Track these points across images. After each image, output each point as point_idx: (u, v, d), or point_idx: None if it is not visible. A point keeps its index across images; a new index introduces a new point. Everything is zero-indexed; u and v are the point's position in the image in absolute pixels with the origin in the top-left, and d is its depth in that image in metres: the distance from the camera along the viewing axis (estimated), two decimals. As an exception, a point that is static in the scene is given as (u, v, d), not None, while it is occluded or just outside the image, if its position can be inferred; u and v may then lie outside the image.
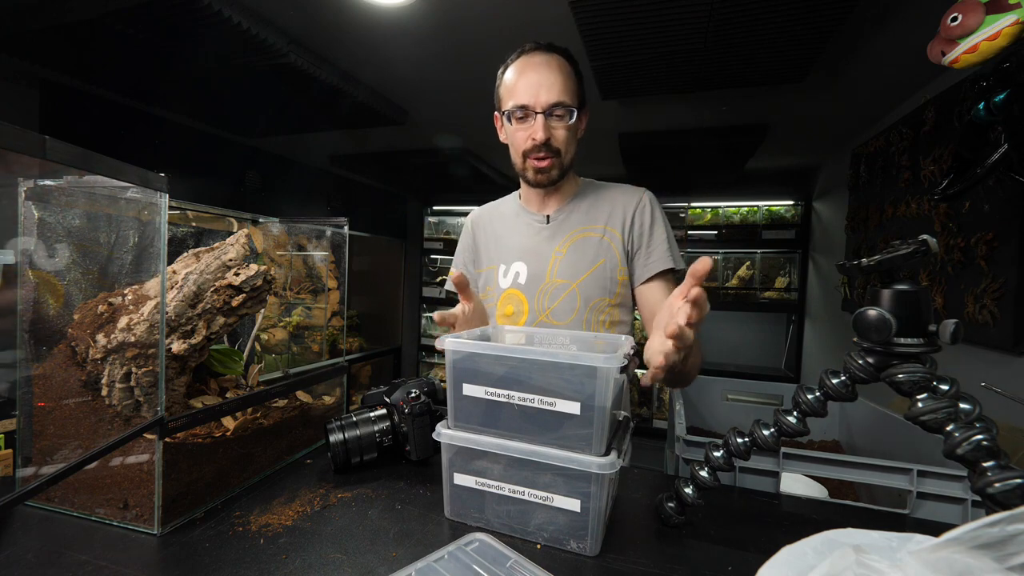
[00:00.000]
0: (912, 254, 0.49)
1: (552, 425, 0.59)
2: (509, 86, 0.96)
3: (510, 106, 0.94)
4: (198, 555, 0.57)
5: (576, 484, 0.58)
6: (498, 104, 1.01)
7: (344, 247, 1.06)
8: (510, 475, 0.62)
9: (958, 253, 1.48)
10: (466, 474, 0.65)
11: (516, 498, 0.62)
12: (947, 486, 0.75)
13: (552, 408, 0.59)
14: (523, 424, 0.61)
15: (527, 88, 0.92)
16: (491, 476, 0.63)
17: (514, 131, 0.97)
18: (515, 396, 0.60)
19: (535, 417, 0.60)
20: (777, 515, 0.72)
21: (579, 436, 0.58)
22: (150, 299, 0.69)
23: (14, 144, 0.45)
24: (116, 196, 0.69)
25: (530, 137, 0.94)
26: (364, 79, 1.96)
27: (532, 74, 0.92)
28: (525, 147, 0.96)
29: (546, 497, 0.60)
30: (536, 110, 0.92)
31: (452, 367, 0.64)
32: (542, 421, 0.60)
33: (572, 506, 0.59)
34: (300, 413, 0.89)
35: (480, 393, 0.62)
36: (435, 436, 0.65)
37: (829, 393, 0.55)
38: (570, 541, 0.60)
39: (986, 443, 0.44)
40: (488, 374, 0.62)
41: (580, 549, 0.59)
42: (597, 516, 0.58)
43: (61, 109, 2.01)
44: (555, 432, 0.59)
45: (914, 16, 1.33)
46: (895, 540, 0.39)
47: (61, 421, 0.68)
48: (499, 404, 0.62)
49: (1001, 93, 0.93)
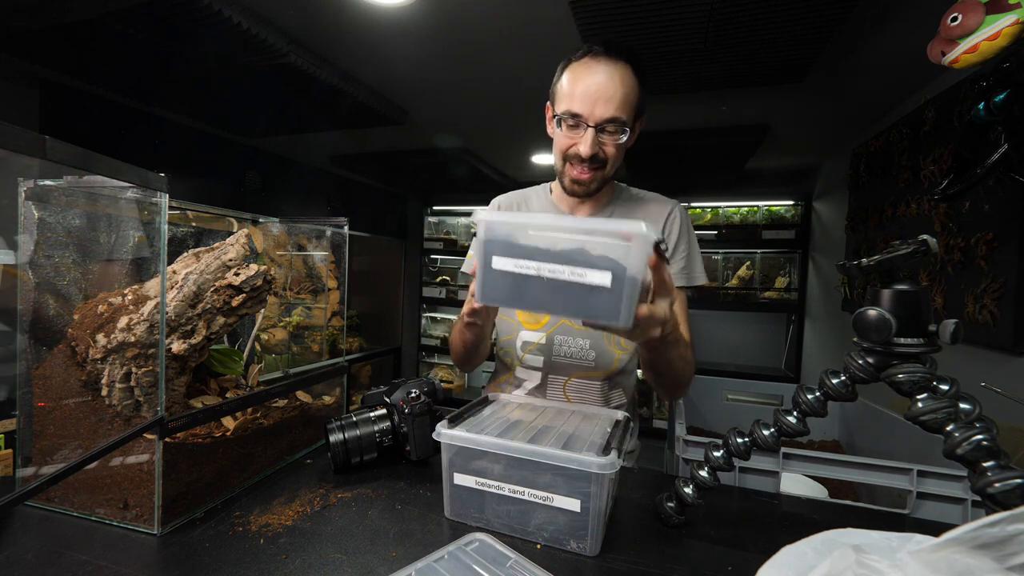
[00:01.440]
0: (912, 254, 0.49)
1: (580, 296, 0.56)
2: (565, 89, 0.90)
3: (562, 111, 0.89)
4: (198, 555, 0.57)
5: (576, 484, 0.58)
6: (552, 100, 0.96)
7: (344, 247, 1.06)
8: (510, 475, 0.62)
9: (958, 253, 1.48)
10: (466, 474, 0.65)
11: (516, 498, 0.62)
12: (947, 486, 0.75)
13: (582, 280, 0.55)
14: (552, 296, 0.57)
15: (584, 97, 0.87)
16: (491, 476, 0.63)
17: (561, 135, 0.92)
18: (544, 268, 0.57)
19: (563, 289, 0.56)
20: (777, 515, 0.72)
21: (608, 307, 0.55)
22: (150, 299, 0.70)
23: (14, 144, 0.45)
24: (116, 196, 0.69)
25: (575, 147, 0.90)
26: (364, 79, 1.96)
27: (591, 83, 0.86)
28: (569, 153, 0.92)
29: (546, 497, 0.60)
30: (588, 123, 0.87)
31: (483, 239, 0.60)
32: (570, 293, 0.56)
33: (572, 506, 0.59)
34: (300, 413, 0.89)
35: (509, 267, 0.59)
36: (435, 436, 0.65)
37: (829, 393, 0.55)
38: (570, 541, 0.60)
39: (986, 443, 0.44)
40: (521, 247, 0.58)
41: (580, 549, 0.59)
42: (597, 516, 0.58)
43: (61, 109, 2.01)
44: (583, 301, 0.56)
45: (914, 16, 1.33)
46: (895, 540, 0.39)
47: (61, 421, 0.68)
48: (527, 277, 0.58)
49: (1001, 93, 0.93)
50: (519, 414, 0.76)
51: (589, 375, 0.99)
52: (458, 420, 0.70)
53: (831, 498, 0.91)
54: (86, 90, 2.04)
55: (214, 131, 2.63)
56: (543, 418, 0.75)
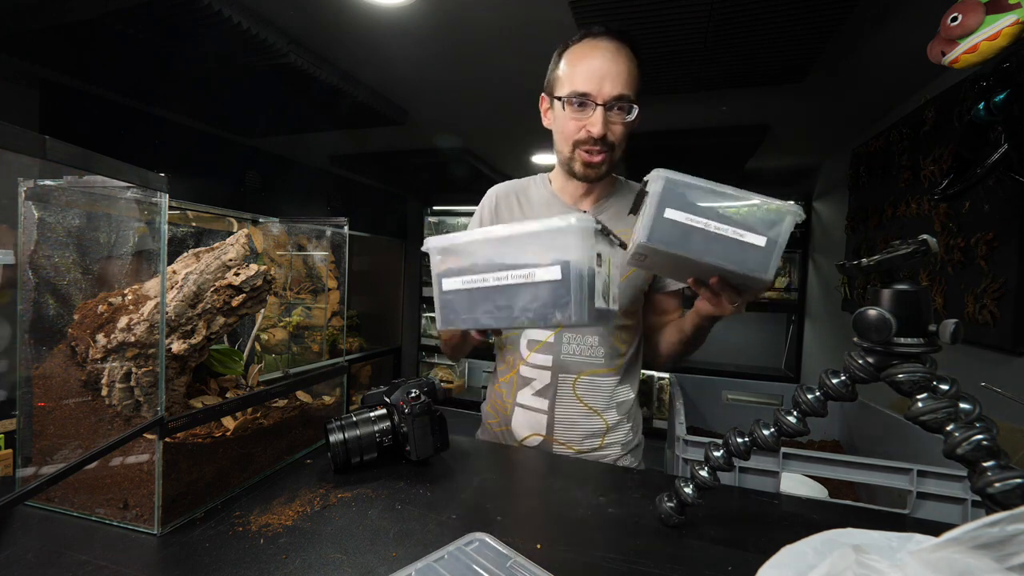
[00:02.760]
0: (912, 254, 0.49)
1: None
2: (568, 71, 0.89)
3: (567, 92, 0.88)
4: (198, 555, 0.57)
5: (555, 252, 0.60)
6: (550, 86, 0.95)
7: (344, 247, 1.06)
8: (492, 266, 0.65)
9: (958, 253, 1.48)
10: (453, 277, 0.68)
11: (500, 286, 0.64)
12: (947, 486, 0.75)
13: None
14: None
15: (590, 76, 0.86)
16: (475, 272, 0.66)
17: (567, 119, 0.90)
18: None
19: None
20: (777, 515, 0.72)
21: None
22: (150, 299, 0.70)
23: (14, 144, 0.45)
24: (116, 196, 0.69)
25: (586, 129, 0.88)
26: (364, 79, 1.96)
27: (597, 61, 0.86)
28: (578, 137, 0.90)
29: (528, 274, 0.62)
30: (597, 101, 0.86)
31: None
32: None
33: (553, 275, 0.61)
34: (300, 413, 0.89)
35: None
36: (423, 247, 0.69)
37: (829, 393, 0.55)
38: (555, 313, 0.61)
39: (986, 443, 0.44)
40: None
41: (564, 320, 0.61)
42: (579, 279, 0.59)
43: (61, 109, 2.01)
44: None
45: (914, 16, 1.33)
46: (895, 540, 0.39)
47: (61, 421, 0.68)
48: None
49: (1001, 93, 0.93)
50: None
51: (598, 372, 0.99)
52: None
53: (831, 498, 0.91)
54: (86, 90, 2.04)
55: (214, 131, 2.63)
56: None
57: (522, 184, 1.10)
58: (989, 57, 0.90)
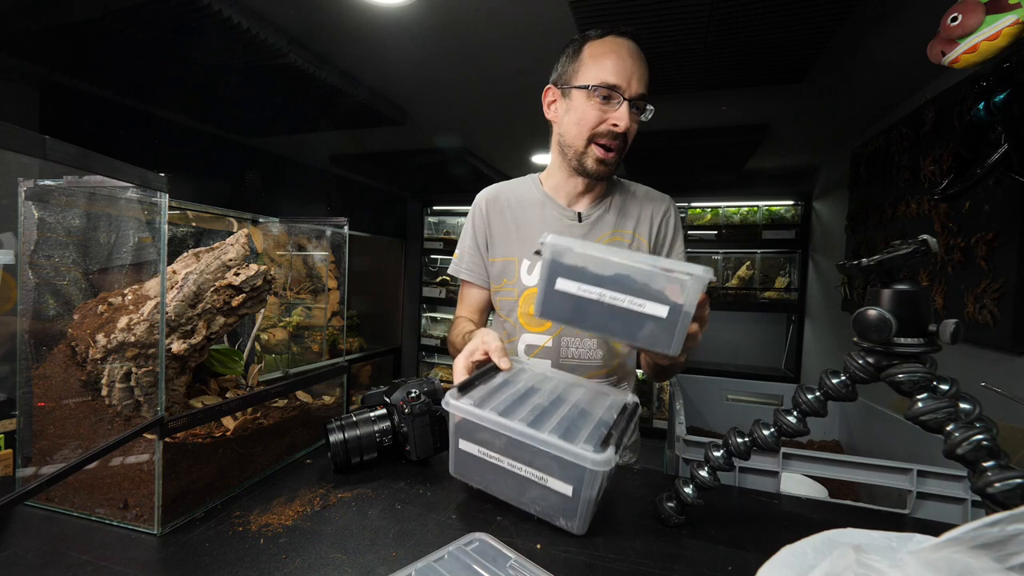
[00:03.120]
0: (912, 254, 0.49)
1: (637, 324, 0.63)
2: (593, 60, 0.87)
3: (594, 80, 0.86)
4: (198, 555, 0.57)
5: (570, 471, 0.60)
6: (564, 77, 0.93)
7: (344, 247, 1.06)
8: (509, 451, 0.64)
9: (958, 253, 1.48)
10: (470, 442, 0.67)
11: (514, 472, 0.64)
12: (947, 486, 0.75)
13: (641, 310, 0.62)
14: (609, 320, 0.64)
15: (621, 70, 0.85)
16: (492, 448, 0.65)
17: (590, 108, 0.88)
18: (607, 295, 0.63)
19: (622, 315, 0.63)
20: (777, 515, 0.72)
21: (661, 337, 0.61)
22: (150, 299, 0.70)
23: (14, 144, 0.45)
24: (116, 196, 0.69)
25: (610, 123, 0.87)
26: (364, 79, 1.96)
27: (626, 59, 0.86)
28: (598, 130, 0.88)
29: (541, 477, 0.62)
30: (625, 96, 0.85)
31: (549, 261, 0.66)
32: (628, 320, 0.63)
33: (565, 490, 0.60)
34: (300, 413, 0.89)
35: (573, 288, 0.65)
36: (443, 404, 0.66)
37: (829, 393, 0.55)
38: (560, 518, 0.62)
39: (986, 443, 0.44)
40: (584, 272, 0.64)
41: (568, 527, 0.61)
42: (588, 502, 0.60)
43: (61, 109, 2.01)
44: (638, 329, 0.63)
45: (914, 16, 1.34)
46: (895, 540, 0.39)
47: (61, 421, 0.68)
48: (589, 300, 0.64)
49: (1001, 93, 0.93)
50: (531, 383, 0.76)
51: (597, 374, 0.99)
52: (468, 388, 0.69)
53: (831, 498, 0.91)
54: (86, 90, 2.04)
55: (214, 131, 2.63)
56: (553, 391, 0.75)
57: (510, 186, 1.07)
58: (989, 57, 0.90)
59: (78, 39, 1.55)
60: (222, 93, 2.04)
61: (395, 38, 1.61)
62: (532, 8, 1.40)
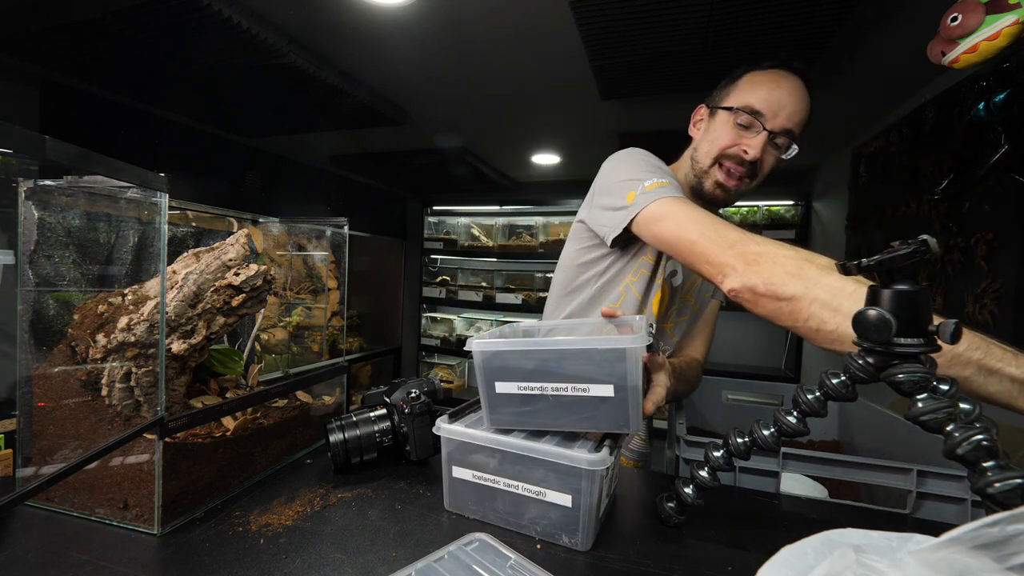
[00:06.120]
0: (912, 254, 0.49)
1: (587, 409, 0.61)
2: (747, 89, 0.87)
3: (739, 103, 0.86)
4: (198, 555, 0.57)
5: (567, 480, 0.59)
6: (717, 98, 0.92)
7: (344, 247, 1.06)
8: (505, 469, 0.63)
9: (958, 253, 1.48)
10: (464, 467, 0.66)
11: (511, 492, 0.63)
12: (947, 486, 0.75)
13: (586, 394, 0.60)
14: (559, 413, 0.63)
15: (770, 100, 0.84)
16: (487, 470, 0.64)
17: (726, 127, 0.87)
18: (548, 387, 0.62)
19: (570, 405, 0.62)
20: (777, 515, 0.72)
21: (615, 416, 0.60)
22: (150, 299, 0.69)
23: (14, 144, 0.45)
24: (116, 196, 0.69)
25: (741, 147, 0.86)
26: (364, 79, 1.96)
27: (782, 92, 0.85)
28: (727, 152, 0.87)
29: (539, 492, 0.61)
30: (766, 126, 0.84)
31: (482, 367, 0.65)
32: (578, 408, 0.61)
33: (564, 501, 0.59)
34: (300, 413, 0.89)
35: (513, 389, 0.64)
36: (434, 431, 0.66)
37: (829, 393, 0.55)
38: (562, 535, 0.60)
39: (986, 443, 0.44)
40: (518, 369, 0.63)
41: (572, 544, 0.60)
42: (588, 512, 0.58)
43: (61, 109, 2.01)
44: (590, 414, 0.61)
45: (914, 16, 1.33)
46: (895, 540, 0.39)
47: (61, 421, 0.68)
48: (533, 396, 0.63)
49: (1001, 93, 0.93)
50: None
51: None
52: (459, 415, 0.70)
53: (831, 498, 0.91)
54: (86, 90, 2.04)
55: (214, 131, 2.63)
56: None
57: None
58: (989, 57, 0.90)
59: (78, 39, 1.55)
60: (222, 93, 2.04)
61: (395, 38, 1.61)
62: (532, 8, 1.40)
